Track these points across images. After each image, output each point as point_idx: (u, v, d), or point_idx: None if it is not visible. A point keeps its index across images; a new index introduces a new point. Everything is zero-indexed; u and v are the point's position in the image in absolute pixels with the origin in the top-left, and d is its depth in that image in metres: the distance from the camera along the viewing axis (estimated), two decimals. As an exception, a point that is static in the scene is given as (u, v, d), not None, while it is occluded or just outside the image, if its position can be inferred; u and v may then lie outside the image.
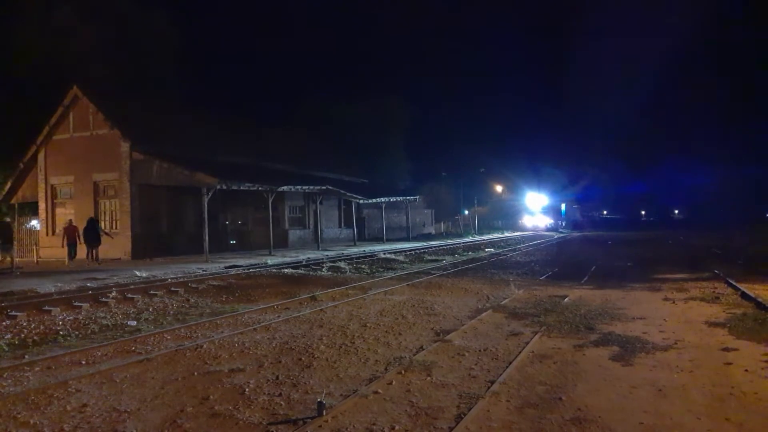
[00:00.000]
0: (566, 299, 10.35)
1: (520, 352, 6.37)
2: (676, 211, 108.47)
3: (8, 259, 17.47)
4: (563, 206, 64.64)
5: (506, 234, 48.77)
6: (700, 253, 22.25)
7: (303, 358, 6.32)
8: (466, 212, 57.45)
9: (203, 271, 15.57)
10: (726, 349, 6.31)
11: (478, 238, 40.42)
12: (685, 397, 4.76)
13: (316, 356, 6.41)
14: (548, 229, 57.51)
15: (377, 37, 79.29)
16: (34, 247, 20.99)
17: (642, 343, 6.74)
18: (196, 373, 5.77)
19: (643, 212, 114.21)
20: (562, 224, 61.41)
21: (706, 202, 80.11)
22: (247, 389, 5.21)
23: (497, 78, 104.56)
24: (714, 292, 10.76)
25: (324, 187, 26.23)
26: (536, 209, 61.62)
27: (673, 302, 9.81)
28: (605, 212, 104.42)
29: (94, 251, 19.11)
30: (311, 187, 25.60)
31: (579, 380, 5.33)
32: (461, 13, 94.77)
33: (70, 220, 20.19)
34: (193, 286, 12.55)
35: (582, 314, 8.73)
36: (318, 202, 27.36)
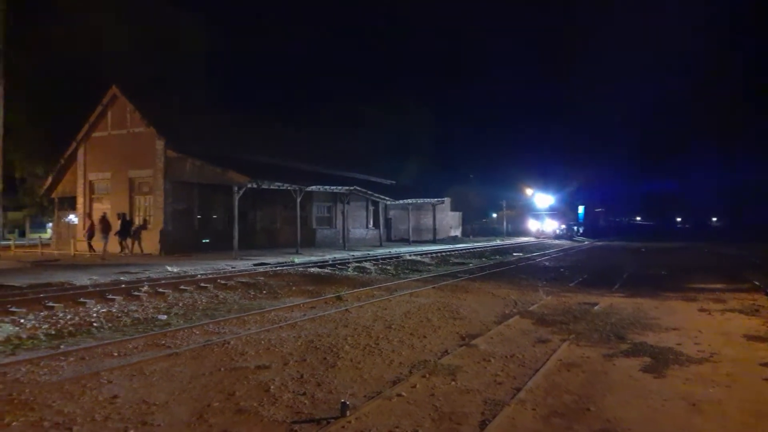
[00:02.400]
0: (596, 307, 10.11)
1: (547, 360, 6.25)
2: (714, 219, 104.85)
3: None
4: (581, 209, 54.47)
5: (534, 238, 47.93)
6: (739, 262, 21.46)
7: (327, 358, 6.35)
8: (495, 215, 56.59)
9: (232, 268, 15.82)
10: (766, 365, 6.06)
11: (507, 241, 39.90)
12: (721, 413, 4.58)
13: (340, 356, 6.44)
14: (558, 236, 46.92)
15: (405, 39, 79.24)
16: (72, 240, 21.71)
17: (675, 354, 6.53)
18: (222, 369, 5.86)
19: (678, 219, 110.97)
20: (578, 230, 51.23)
21: (746, 208, 77.01)
22: (272, 386, 5.26)
23: (524, 79, 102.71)
24: (754, 304, 10.35)
25: (352, 188, 26.34)
26: (543, 210, 51.14)
27: (709, 313, 9.48)
28: (638, 218, 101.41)
29: (129, 243, 20.70)
30: (339, 188, 25.74)
31: (608, 391, 5.20)
32: (486, 24, 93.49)
33: (89, 214, 21.37)
34: (222, 282, 12.77)
35: (612, 323, 8.52)
36: (345, 203, 27.48)
